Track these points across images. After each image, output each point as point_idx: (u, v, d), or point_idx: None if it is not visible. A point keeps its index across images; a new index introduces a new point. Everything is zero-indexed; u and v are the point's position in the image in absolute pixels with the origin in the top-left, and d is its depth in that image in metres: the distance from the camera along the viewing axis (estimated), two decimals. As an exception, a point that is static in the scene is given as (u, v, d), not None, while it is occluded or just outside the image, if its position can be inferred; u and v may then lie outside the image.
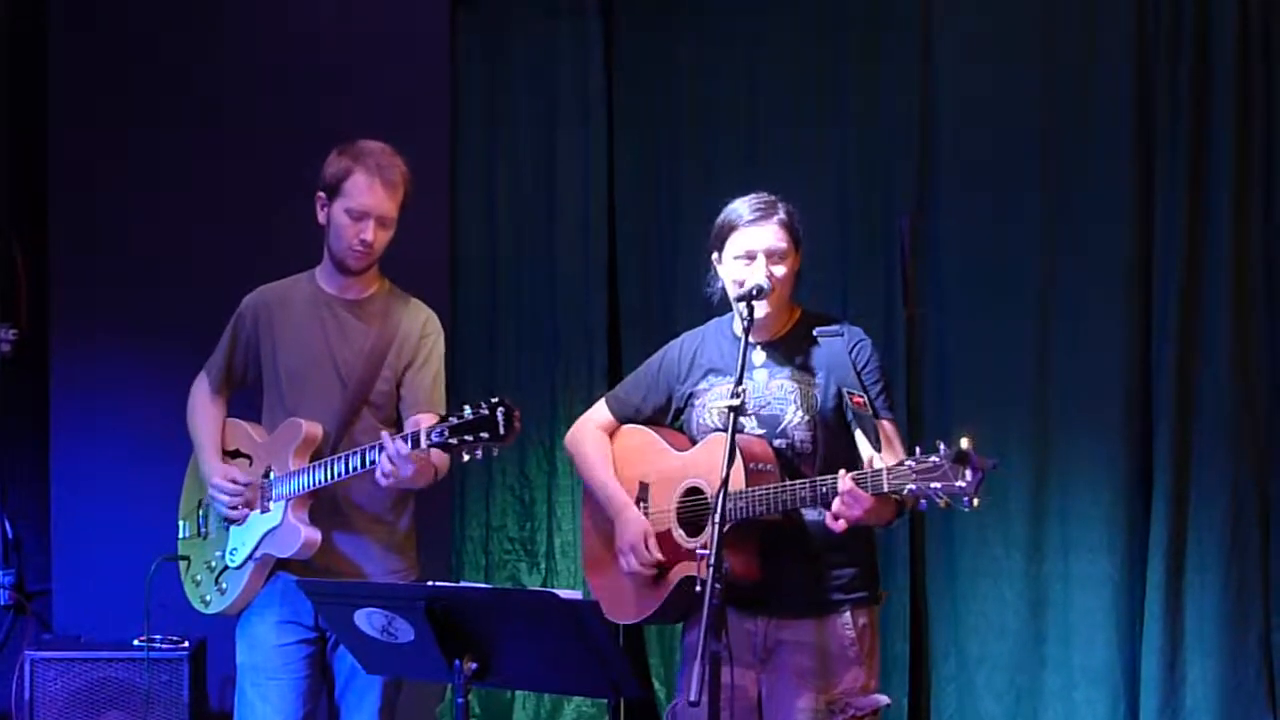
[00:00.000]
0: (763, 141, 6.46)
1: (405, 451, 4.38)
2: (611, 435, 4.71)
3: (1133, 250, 5.93)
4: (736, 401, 4.09)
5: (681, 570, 4.36)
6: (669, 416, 4.63)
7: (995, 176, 6.13)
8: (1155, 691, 5.83)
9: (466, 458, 4.24)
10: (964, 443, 3.80)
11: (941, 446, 3.83)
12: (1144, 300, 5.93)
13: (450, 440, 4.20)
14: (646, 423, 4.65)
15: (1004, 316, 6.09)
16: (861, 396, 4.25)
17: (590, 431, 4.74)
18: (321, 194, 4.73)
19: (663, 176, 6.68)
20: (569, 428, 5.96)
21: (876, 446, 4.22)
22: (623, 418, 4.69)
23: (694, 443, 4.47)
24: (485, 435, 4.14)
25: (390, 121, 6.42)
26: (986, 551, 6.07)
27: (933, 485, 3.83)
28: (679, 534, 4.38)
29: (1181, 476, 5.85)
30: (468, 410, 4.18)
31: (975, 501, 3.81)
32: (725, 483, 3.99)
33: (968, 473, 3.79)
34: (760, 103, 6.48)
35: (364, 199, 4.65)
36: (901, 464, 3.92)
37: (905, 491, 3.90)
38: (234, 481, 4.79)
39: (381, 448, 4.40)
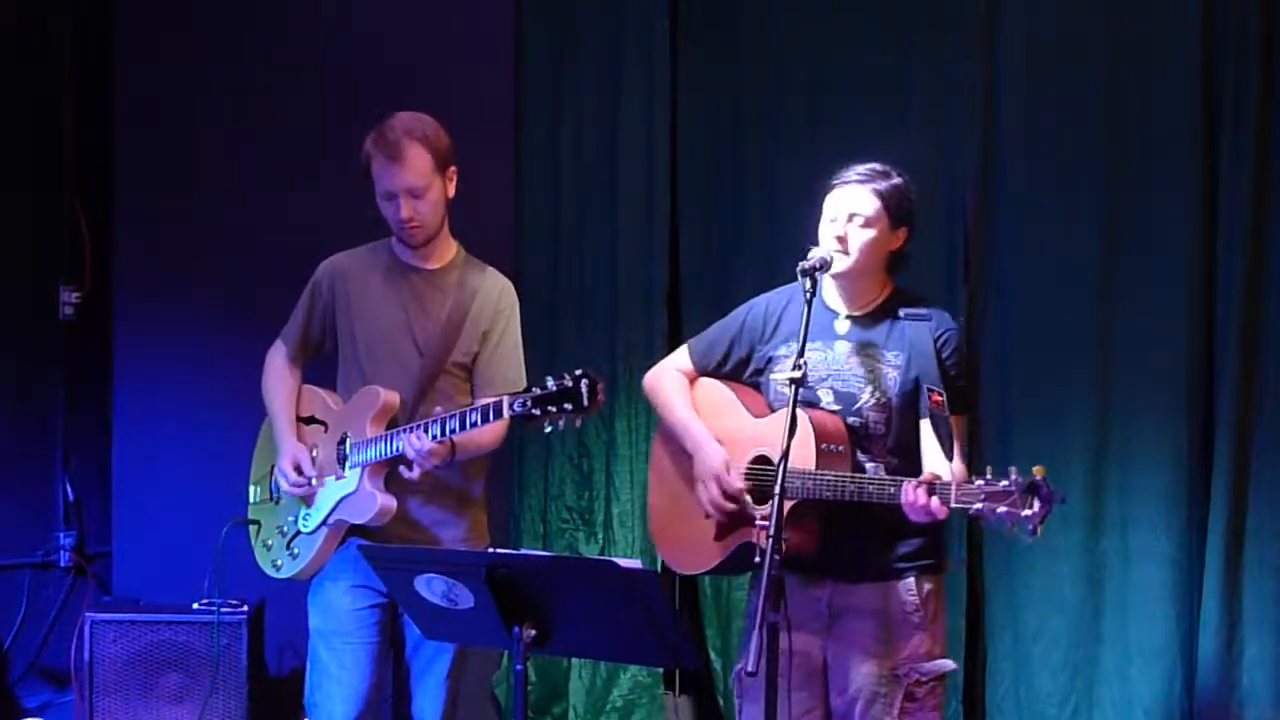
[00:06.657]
0: (828, 110, 6.39)
1: (427, 448, 4.46)
2: (690, 384, 4.74)
3: (1196, 228, 5.84)
4: (798, 374, 4.11)
5: (743, 535, 4.40)
6: (748, 371, 4.66)
7: (1059, 154, 6.05)
8: (1213, 669, 5.78)
9: (549, 428, 4.25)
10: (1036, 472, 3.88)
11: (1013, 472, 3.91)
12: (1207, 277, 5.85)
13: (533, 411, 4.20)
14: (727, 376, 4.68)
15: (1065, 293, 6.02)
16: (940, 395, 4.27)
17: (671, 373, 4.77)
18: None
19: (726, 145, 6.63)
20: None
21: (947, 450, 4.24)
22: (702, 368, 4.73)
23: (770, 409, 4.50)
24: (569, 407, 4.15)
25: (455, 88, 6.43)
26: (1044, 527, 6.03)
27: (999, 510, 3.90)
28: (744, 499, 4.40)
29: (1242, 453, 5.77)
30: (550, 382, 4.19)
31: (1039, 532, 3.91)
32: (785, 455, 4.02)
33: (1035, 503, 3.89)
34: (826, 70, 6.40)
35: (385, 182, 4.69)
36: (971, 482, 3.97)
37: (972, 510, 3.96)
38: (298, 470, 4.82)
39: (453, 417, 4.45)
